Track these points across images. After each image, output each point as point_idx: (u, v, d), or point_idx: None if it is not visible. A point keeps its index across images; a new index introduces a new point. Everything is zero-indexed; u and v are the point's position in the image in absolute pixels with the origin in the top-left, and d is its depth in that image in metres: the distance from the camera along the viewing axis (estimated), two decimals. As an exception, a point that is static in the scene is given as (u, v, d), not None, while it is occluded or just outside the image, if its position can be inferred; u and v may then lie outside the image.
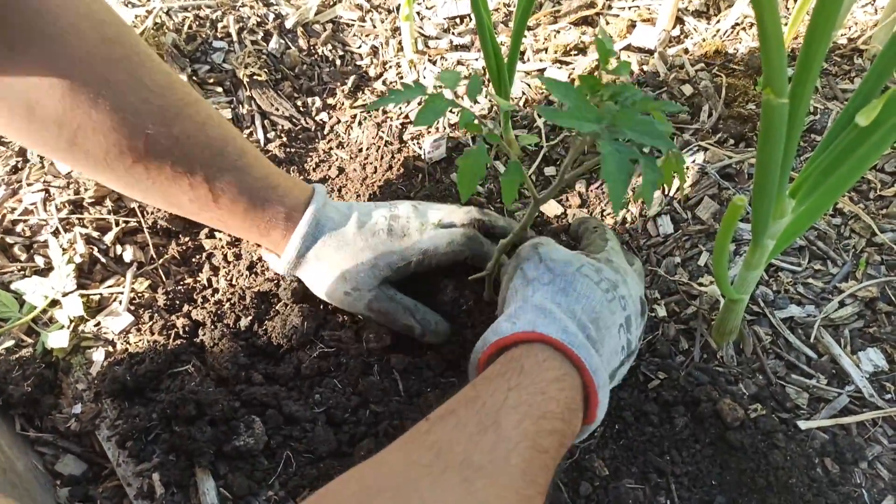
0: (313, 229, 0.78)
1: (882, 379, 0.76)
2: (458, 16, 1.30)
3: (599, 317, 0.62)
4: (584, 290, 0.62)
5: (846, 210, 0.90)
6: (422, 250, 0.80)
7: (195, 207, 0.75)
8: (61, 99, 0.63)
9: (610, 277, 0.65)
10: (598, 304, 0.62)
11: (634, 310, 0.67)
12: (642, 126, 0.50)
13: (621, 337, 0.64)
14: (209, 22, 1.21)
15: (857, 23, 1.15)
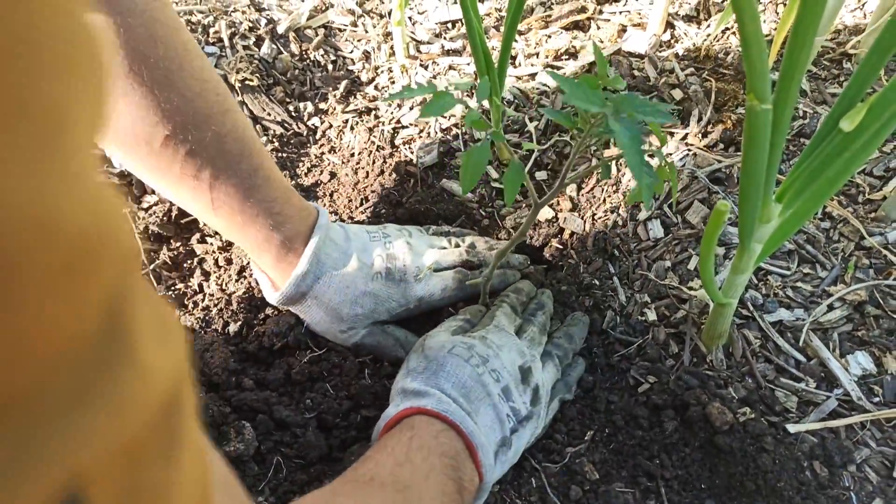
0: (314, 267, 0.78)
1: (870, 382, 0.77)
2: (449, 21, 1.30)
3: (470, 389, 0.67)
4: (453, 369, 0.68)
5: (835, 214, 0.90)
6: (418, 297, 0.84)
7: (197, 209, 0.76)
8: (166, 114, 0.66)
9: (480, 353, 0.70)
10: (467, 378, 0.68)
11: (512, 380, 0.70)
12: (644, 106, 0.51)
13: (500, 405, 0.68)
14: (201, 27, 1.21)
15: (845, 27, 1.16)
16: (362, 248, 0.83)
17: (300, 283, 0.78)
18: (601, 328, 0.86)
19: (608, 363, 0.83)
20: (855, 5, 1.21)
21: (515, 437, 0.69)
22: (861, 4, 1.21)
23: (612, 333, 0.85)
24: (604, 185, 1.00)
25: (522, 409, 0.70)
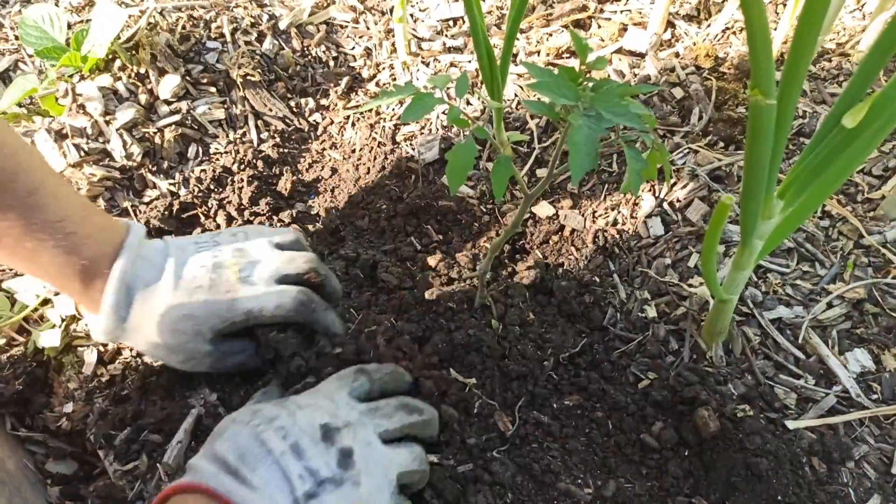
0: (123, 296, 0.71)
1: (869, 379, 0.77)
2: (451, 18, 1.30)
3: (247, 450, 0.59)
4: (230, 434, 0.61)
5: (834, 212, 0.91)
6: (245, 310, 0.75)
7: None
8: None
9: (268, 414, 0.62)
10: (244, 439, 0.60)
11: (306, 438, 0.61)
12: (618, 107, 0.51)
13: (289, 463, 0.59)
14: (203, 22, 1.21)
15: (844, 28, 1.17)
16: (181, 262, 0.75)
17: (112, 315, 0.71)
18: (602, 325, 0.86)
19: (609, 359, 0.83)
20: (854, 6, 1.22)
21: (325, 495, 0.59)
22: (860, 6, 1.21)
23: (612, 330, 0.85)
24: (604, 182, 1.00)
25: (323, 469, 0.60)
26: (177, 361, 0.76)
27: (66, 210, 0.69)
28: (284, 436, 0.60)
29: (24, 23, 1.11)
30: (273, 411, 0.62)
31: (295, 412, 0.63)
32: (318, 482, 0.59)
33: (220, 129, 1.12)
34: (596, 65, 0.59)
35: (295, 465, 0.59)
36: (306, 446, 0.60)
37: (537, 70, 0.55)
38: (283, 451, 0.59)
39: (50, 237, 0.67)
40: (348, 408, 0.66)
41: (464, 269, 0.91)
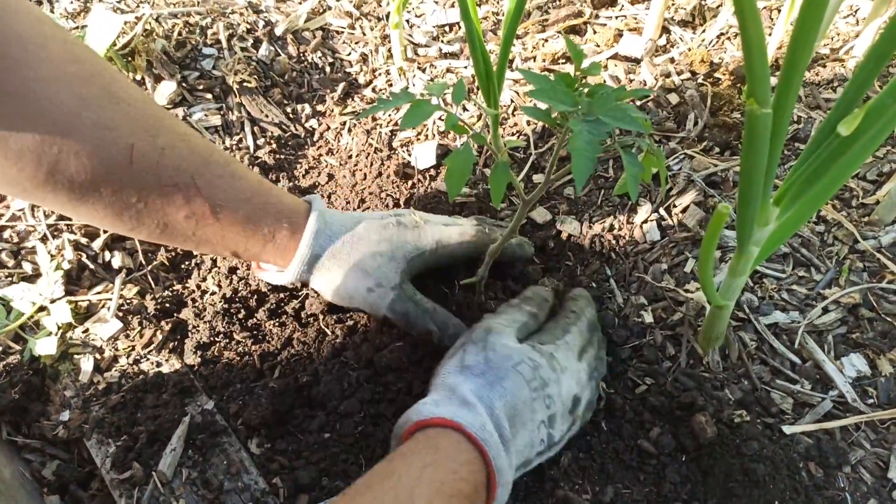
0: (324, 227, 0.77)
1: (865, 384, 0.78)
2: (447, 24, 1.31)
3: (518, 413, 0.64)
4: (512, 388, 0.64)
5: (829, 218, 0.91)
6: (435, 239, 0.82)
7: (192, 224, 0.70)
8: (36, 125, 0.57)
9: (544, 376, 0.67)
10: (521, 401, 0.64)
11: (561, 409, 0.68)
12: (616, 111, 0.51)
13: (540, 431, 0.66)
14: (199, 28, 1.21)
15: (839, 33, 1.17)
16: (367, 213, 0.82)
17: (314, 242, 0.76)
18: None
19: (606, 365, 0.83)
20: (848, 12, 1.22)
21: (537, 459, 0.68)
22: (854, 11, 1.22)
23: (609, 335, 0.85)
24: (601, 187, 1.00)
25: (556, 436, 0.68)
26: (364, 288, 0.78)
27: (255, 174, 0.76)
28: (549, 405, 0.67)
29: (19, 29, 1.11)
30: (547, 373, 0.68)
31: (560, 379, 0.69)
32: (549, 445, 0.68)
33: (217, 136, 1.12)
34: (590, 70, 0.59)
35: (544, 431, 0.66)
36: (558, 418, 0.68)
37: (534, 77, 0.55)
38: (543, 420, 0.66)
39: (257, 197, 0.73)
40: (585, 371, 0.74)
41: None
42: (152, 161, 0.65)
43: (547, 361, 0.69)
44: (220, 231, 0.72)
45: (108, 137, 0.62)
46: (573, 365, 0.72)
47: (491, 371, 0.65)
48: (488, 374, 0.65)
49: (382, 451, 0.74)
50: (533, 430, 0.65)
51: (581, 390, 0.72)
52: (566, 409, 0.69)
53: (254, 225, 0.74)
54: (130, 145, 0.63)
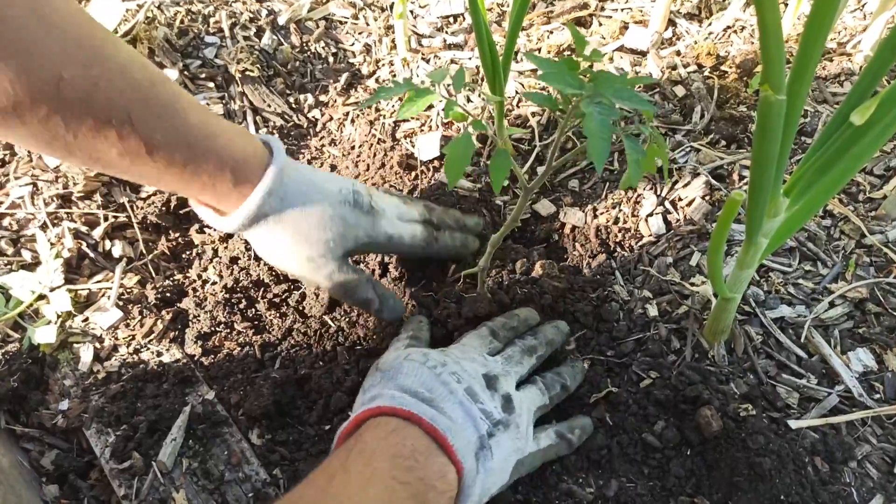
0: (279, 187, 0.71)
1: (871, 379, 0.77)
2: (451, 15, 1.30)
3: (430, 387, 0.63)
4: (409, 369, 0.65)
5: (836, 212, 0.90)
6: (388, 235, 0.80)
7: (126, 162, 0.65)
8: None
9: (437, 359, 0.67)
10: (426, 377, 0.64)
11: (476, 383, 0.66)
12: (622, 92, 0.51)
13: (469, 405, 0.64)
14: (201, 17, 1.20)
15: (846, 27, 1.16)
16: (325, 178, 0.77)
17: (265, 202, 0.70)
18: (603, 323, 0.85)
19: (610, 358, 0.82)
20: (855, 6, 1.21)
21: (494, 444, 0.64)
22: (861, 5, 1.21)
23: (614, 328, 0.84)
24: (605, 180, 1.00)
25: (494, 413, 0.65)
26: (305, 256, 0.75)
27: (204, 112, 0.69)
28: (458, 380, 0.65)
29: (20, 16, 1.10)
30: (440, 357, 0.67)
31: (459, 360, 0.68)
32: (493, 423, 0.64)
33: (219, 125, 1.11)
34: (593, 56, 0.59)
35: (472, 406, 0.63)
36: (477, 391, 0.65)
37: (541, 61, 0.55)
38: (462, 391, 0.64)
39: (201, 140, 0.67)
40: (493, 362, 0.72)
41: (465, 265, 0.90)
42: (83, 93, 0.59)
43: (438, 353, 0.69)
44: (155, 172, 0.67)
45: (32, 65, 0.56)
46: (472, 354, 0.71)
47: (386, 373, 0.67)
48: (385, 375, 0.66)
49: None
50: (458, 402, 0.63)
51: (492, 371, 0.69)
52: (481, 384, 0.67)
53: (193, 171, 0.68)
54: (58, 75, 0.57)
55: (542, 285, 0.85)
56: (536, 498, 0.71)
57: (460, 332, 0.79)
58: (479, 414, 0.63)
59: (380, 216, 0.80)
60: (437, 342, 0.80)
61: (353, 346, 0.83)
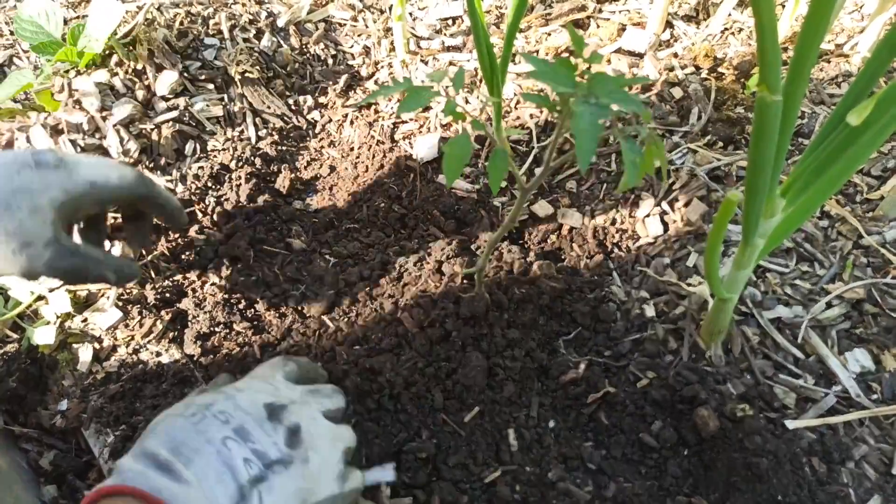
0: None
1: (868, 379, 0.77)
2: (450, 17, 1.30)
3: (182, 442, 0.55)
4: (163, 427, 0.56)
5: (833, 213, 0.91)
6: (89, 181, 0.68)
7: None
8: None
9: (203, 401, 0.59)
10: (179, 431, 0.56)
11: (250, 418, 0.59)
12: (616, 93, 0.51)
13: (232, 448, 0.55)
14: (201, 18, 1.21)
15: (843, 29, 1.17)
16: None
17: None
18: (600, 323, 0.86)
19: (608, 358, 0.83)
20: (853, 7, 1.22)
21: (265, 489, 0.55)
22: (859, 7, 1.22)
23: (611, 329, 0.85)
24: (603, 181, 1.00)
25: (271, 451, 0.57)
26: (10, 251, 0.63)
27: None
28: (226, 420, 0.57)
29: (19, 17, 1.10)
30: (207, 398, 0.59)
31: (234, 395, 0.60)
32: (266, 464, 0.56)
33: (218, 127, 1.11)
34: (592, 59, 0.59)
35: (239, 449, 0.56)
36: (251, 428, 0.57)
37: (535, 60, 0.55)
38: (226, 436, 0.56)
39: None
40: (289, 388, 0.65)
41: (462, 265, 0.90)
42: None
43: (209, 393, 0.62)
44: None
45: None
46: (255, 384, 0.64)
47: (144, 433, 0.58)
48: (142, 436, 0.58)
49: (380, 447, 0.73)
50: (217, 449, 0.55)
51: (280, 400, 0.62)
52: (259, 417, 0.59)
53: None
54: None
55: (540, 286, 0.85)
56: (534, 497, 0.71)
57: (459, 333, 0.80)
58: (244, 457, 0.55)
59: (75, 166, 0.69)
60: (435, 343, 0.80)
61: (353, 345, 0.83)
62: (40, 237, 0.64)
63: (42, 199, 0.64)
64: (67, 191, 0.66)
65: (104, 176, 0.70)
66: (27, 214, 0.63)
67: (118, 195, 0.71)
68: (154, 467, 0.52)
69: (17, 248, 0.63)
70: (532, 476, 0.72)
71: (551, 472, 0.73)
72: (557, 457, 0.75)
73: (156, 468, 0.52)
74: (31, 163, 0.65)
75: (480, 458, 0.73)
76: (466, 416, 0.75)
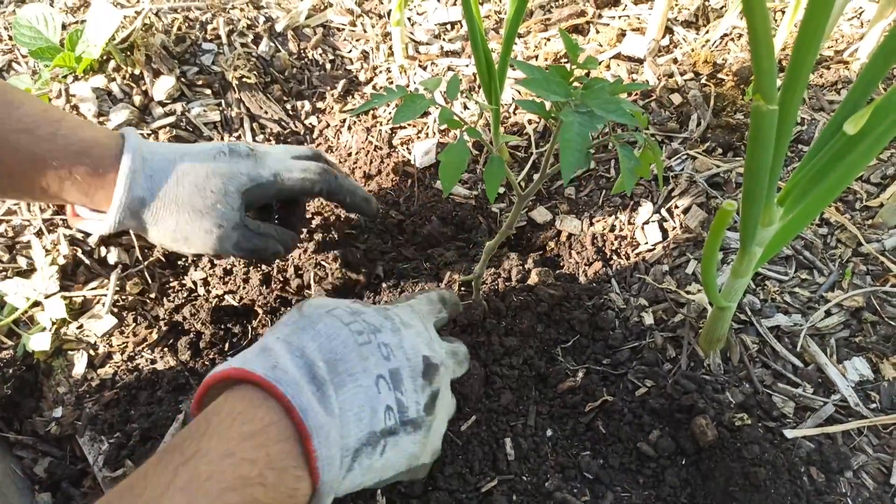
0: (141, 165, 0.67)
1: (867, 388, 0.77)
2: (448, 22, 1.30)
3: (341, 358, 0.51)
4: (326, 329, 0.53)
5: (832, 220, 0.90)
6: (273, 171, 0.75)
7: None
8: None
9: (371, 321, 0.56)
10: (341, 343, 0.52)
11: (408, 365, 0.55)
12: (609, 104, 0.50)
13: (381, 391, 0.52)
14: (198, 24, 1.20)
15: (843, 35, 1.16)
16: (193, 145, 0.74)
17: (133, 184, 0.66)
18: (599, 331, 0.85)
19: (606, 366, 0.82)
20: (852, 14, 1.21)
21: (391, 443, 0.53)
22: (858, 14, 1.21)
23: (609, 336, 0.84)
24: (602, 187, 0.99)
25: (412, 409, 0.54)
26: (202, 229, 0.70)
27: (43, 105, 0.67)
28: (387, 356, 0.54)
29: (18, 23, 1.10)
30: (377, 319, 0.56)
31: (400, 329, 0.57)
32: (402, 421, 0.54)
33: (215, 132, 1.11)
34: (587, 63, 0.59)
35: (387, 395, 0.52)
36: (405, 376, 0.54)
37: (529, 68, 0.55)
38: (381, 374, 0.53)
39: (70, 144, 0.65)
40: (439, 344, 0.62)
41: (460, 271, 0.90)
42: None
43: (375, 311, 0.58)
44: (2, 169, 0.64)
45: None
46: (418, 324, 0.61)
47: (302, 320, 0.55)
48: (299, 322, 0.54)
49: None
50: (369, 385, 0.51)
51: (436, 358, 0.58)
52: (415, 368, 0.56)
53: (42, 159, 0.64)
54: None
55: (538, 293, 0.85)
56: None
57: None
58: (388, 405, 0.52)
59: (263, 156, 0.75)
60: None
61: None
62: (230, 220, 0.71)
63: (232, 185, 0.71)
64: (253, 179, 0.72)
65: (288, 168, 0.75)
66: (220, 197, 0.70)
67: (300, 187, 0.76)
68: (309, 380, 0.49)
69: (210, 228, 0.70)
70: (529, 486, 0.72)
71: (548, 482, 0.72)
72: (555, 466, 0.74)
73: (310, 381, 0.49)
74: (225, 150, 0.72)
75: (477, 467, 0.72)
76: (463, 424, 0.75)
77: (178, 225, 0.70)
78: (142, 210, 0.69)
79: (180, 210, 0.69)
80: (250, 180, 0.72)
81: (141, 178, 0.67)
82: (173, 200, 0.69)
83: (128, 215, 0.68)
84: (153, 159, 0.69)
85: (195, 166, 0.70)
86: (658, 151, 0.62)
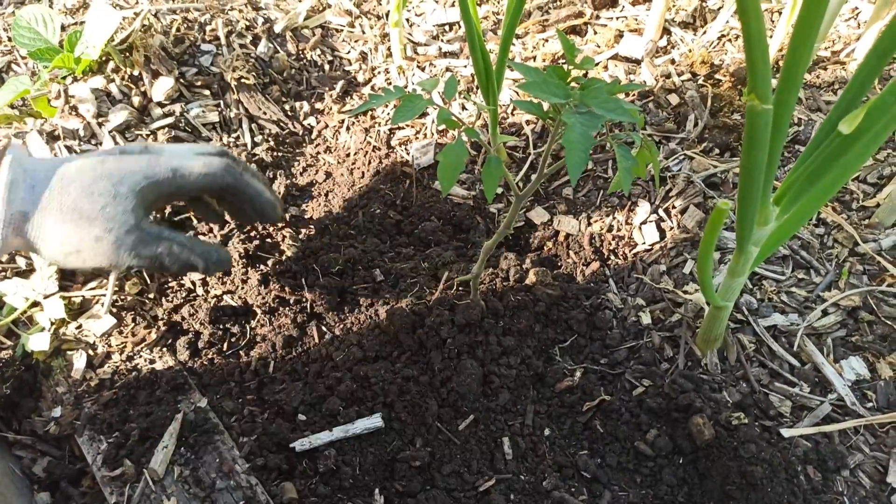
0: (21, 176, 0.62)
1: (864, 387, 0.77)
2: (447, 23, 1.30)
3: None
4: None
5: (829, 220, 0.91)
6: (171, 167, 0.68)
7: None
8: None
9: None
10: None
11: None
12: (608, 103, 0.50)
13: None
14: (197, 25, 1.21)
15: (840, 36, 1.17)
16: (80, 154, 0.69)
17: (11, 197, 0.61)
18: (596, 331, 0.85)
19: (603, 366, 0.82)
20: (849, 15, 1.22)
21: None
22: (855, 14, 1.22)
23: (607, 336, 0.84)
24: (599, 188, 1.00)
25: None
26: (93, 237, 0.64)
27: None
28: None
29: (17, 24, 1.10)
30: None
31: None
32: None
33: (214, 132, 1.11)
34: (584, 64, 0.59)
35: None
36: None
37: (527, 69, 0.55)
38: None
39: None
40: None
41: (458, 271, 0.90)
42: None
43: None
44: None
45: None
46: None
47: None
48: None
49: (374, 455, 0.73)
50: None
51: None
52: None
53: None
54: None
55: (536, 293, 0.85)
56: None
57: (454, 341, 0.79)
58: None
59: (159, 153, 0.69)
60: (432, 351, 0.80)
61: (347, 353, 0.82)
62: (122, 223, 0.64)
63: (123, 186, 0.65)
64: (148, 176, 0.67)
65: (187, 163, 0.69)
66: (109, 199, 0.64)
67: (202, 183, 0.70)
68: None
69: (100, 234, 0.64)
70: (527, 485, 0.72)
71: (546, 481, 0.72)
72: (552, 465, 0.74)
73: None
74: (115, 151, 0.67)
75: (475, 466, 0.73)
76: (461, 424, 0.75)
77: (65, 236, 0.64)
78: (24, 225, 0.63)
79: (66, 218, 0.63)
80: (145, 178, 0.66)
81: (22, 189, 0.62)
82: (57, 208, 0.63)
83: (10, 233, 0.62)
84: (35, 169, 0.63)
85: (82, 171, 0.64)
86: (655, 151, 0.62)
